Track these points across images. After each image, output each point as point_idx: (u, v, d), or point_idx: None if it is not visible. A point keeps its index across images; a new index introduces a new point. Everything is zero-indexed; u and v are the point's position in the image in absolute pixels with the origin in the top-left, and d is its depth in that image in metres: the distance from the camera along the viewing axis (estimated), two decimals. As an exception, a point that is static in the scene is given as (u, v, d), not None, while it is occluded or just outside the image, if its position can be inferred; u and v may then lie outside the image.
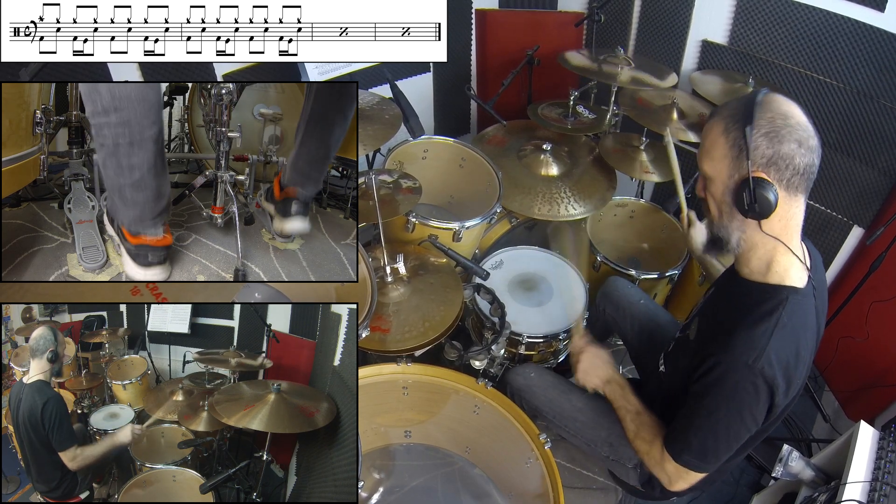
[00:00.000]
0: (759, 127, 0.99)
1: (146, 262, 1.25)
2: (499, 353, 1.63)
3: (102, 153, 1.14)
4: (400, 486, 1.70)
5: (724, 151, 1.04)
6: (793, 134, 0.99)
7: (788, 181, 1.02)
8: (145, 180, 1.17)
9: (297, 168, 1.41)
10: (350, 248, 1.50)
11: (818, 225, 2.23)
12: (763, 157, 1.00)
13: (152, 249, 1.25)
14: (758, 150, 1.00)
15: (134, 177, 1.15)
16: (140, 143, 1.12)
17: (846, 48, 1.92)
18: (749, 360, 1.03)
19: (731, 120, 1.02)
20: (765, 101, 1.01)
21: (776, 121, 0.99)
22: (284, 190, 1.41)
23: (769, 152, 1.00)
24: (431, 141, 2.19)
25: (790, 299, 1.07)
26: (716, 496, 1.98)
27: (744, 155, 1.01)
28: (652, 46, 2.45)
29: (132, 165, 1.14)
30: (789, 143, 0.99)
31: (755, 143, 0.99)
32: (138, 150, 1.13)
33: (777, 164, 1.00)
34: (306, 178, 1.41)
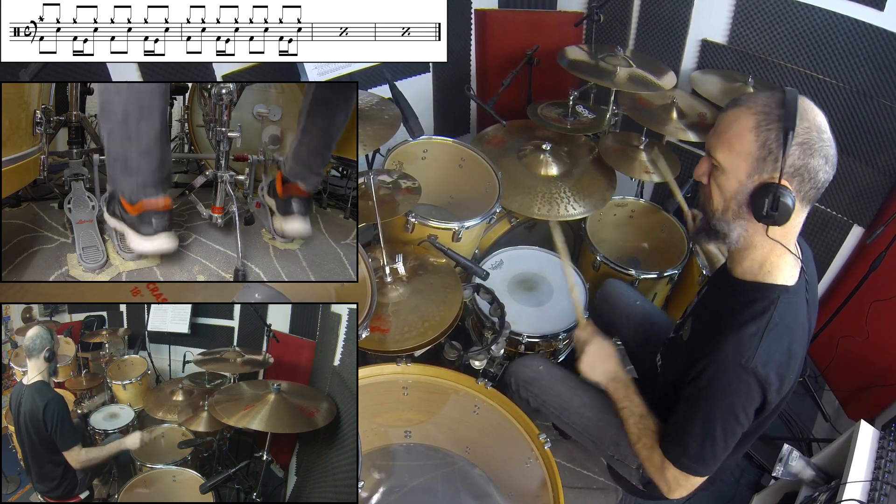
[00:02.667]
0: (797, 134, 0.96)
1: (151, 231, 1.25)
2: (498, 353, 1.63)
3: (109, 124, 1.17)
4: (400, 486, 1.70)
5: (751, 149, 0.99)
6: (823, 149, 0.97)
7: (806, 193, 1.01)
8: (152, 148, 1.19)
9: (298, 158, 1.41)
10: (350, 248, 1.50)
11: (818, 224, 2.23)
12: (792, 166, 0.97)
13: (155, 214, 1.25)
14: (790, 158, 0.96)
15: (141, 143, 1.18)
16: (150, 114, 1.16)
17: (846, 47, 1.92)
18: (741, 360, 1.03)
19: (765, 118, 0.97)
20: (801, 108, 0.97)
21: (812, 132, 0.97)
22: (286, 186, 1.41)
23: (799, 163, 0.97)
24: (431, 141, 2.19)
25: (781, 298, 1.07)
26: (716, 496, 1.98)
27: (772, 158, 0.97)
28: (651, 46, 2.45)
29: (140, 132, 1.17)
30: (819, 158, 0.97)
31: (790, 150, 0.96)
32: (147, 120, 1.17)
33: (802, 176, 0.98)
34: (308, 170, 1.42)
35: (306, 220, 1.42)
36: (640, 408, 1.30)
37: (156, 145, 1.20)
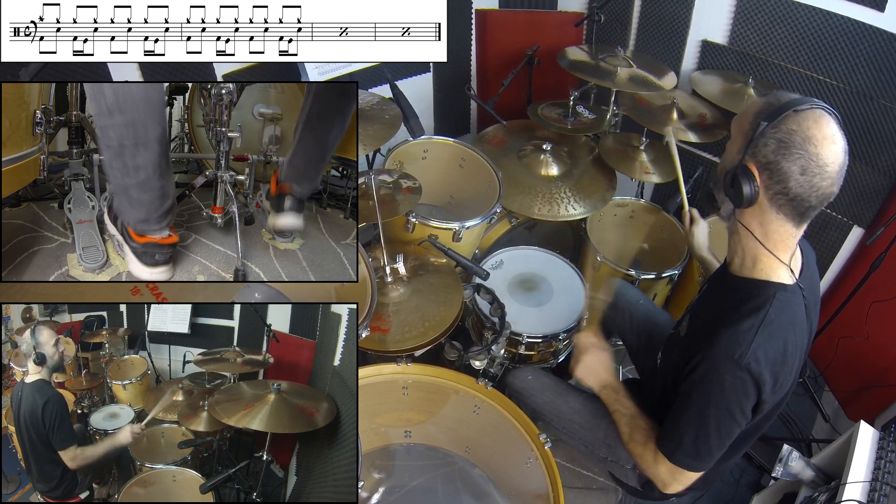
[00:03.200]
0: (777, 130, 0.99)
1: (153, 262, 1.26)
2: (499, 353, 1.63)
3: (108, 154, 1.15)
4: (400, 486, 1.70)
5: (746, 129, 1.04)
6: (802, 159, 0.98)
7: (774, 195, 1.03)
8: (151, 181, 1.17)
9: (293, 165, 1.41)
10: (350, 248, 1.50)
11: (818, 225, 2.23)
12: (765, 157, 1.01)
13: (159, 248, 1.25)
14: (765, 148, 1.00)
15: (139, 177, 1.16)
16: (145, 144, 1.14)
17: (846, 48, 1.92)
18: (735, 355, 1.03)
19: (767, 108, 1.02)
20: (804, 114, 0.99)
21: (795, 136, 0.98)
22: (279, 185, 1.41)
23: (771, 157, 1.00)
24: (431, 141, 2.19)
25: (778, 296, 1.07)
26: (716, 496, 1.98)
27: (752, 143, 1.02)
28: (652, 46, 2.45)
29: (138, 166, 1.15)
30: (792, 163, 0.98)
31: (765, 141, 1.00)
32: (143, 151, 1.14)
33: (771, 173, 1.01)
34: (302, 176, 1.42)
35: (299, 216, 1.42)
36: (630, 409, 1.31)
37: (155, 177, 1.17)
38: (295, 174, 1.41)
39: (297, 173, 1.41)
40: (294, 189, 1.40)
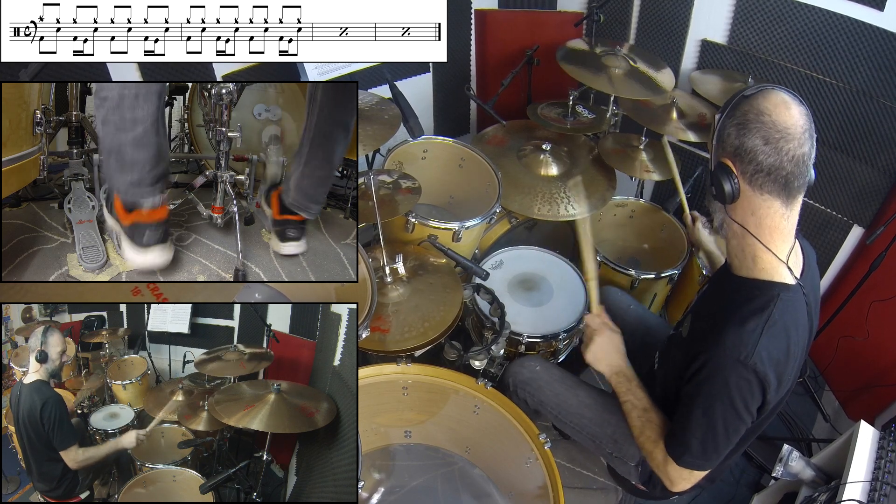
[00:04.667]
0: (733, 117, 1.03)
1: (143, 243, 1.22)
2: (499, 353, 1.63)
3: (104, 109, 1.12)
4: (400, 486, 1.70)
5: (713, 134, 1.09)
6: (760, 130, 0.99)
7: (752, 176, 1.03)
8: (148, 136, 1.14)
9: (301, 190, 1.38)
10: (350, 248, 1.50)
11: (818, 224, 2.23)
12: (731, 146, 1.04)
13: (148, 226, 1.21)
14: (728, 139, 1.04)
15: (136, 132, 1.13)
16: (146, 96, 1.12)
17: (846, 47, 1.92)
18: (740, 356, 1.03)
19: (723, 106, 1.07)
20: (753, 96, 1.02)
21: (748, 114, 1.01)
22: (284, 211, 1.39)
23: (736, 143, 1.03)
24: (431, 141, 2.19)
25: (781, 296, 1.07)
26: (716, 496, 1.98)
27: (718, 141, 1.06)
28: (651, 46, 2.45)
29: (136, 119, 1.12)
30: (753, 138, 1.00)
31: (727, 132, 1.03)
32: (144, 103, 1.12)
33: (741, 157, 1.03)
34: (311, 201, 1.40)
35: (301, 243, 1.41)
36: (643, 401, 1.29)
37: (152, 133, 1.15)
38: (304, 198, 1.39)
39: (306, 197, 1.39)
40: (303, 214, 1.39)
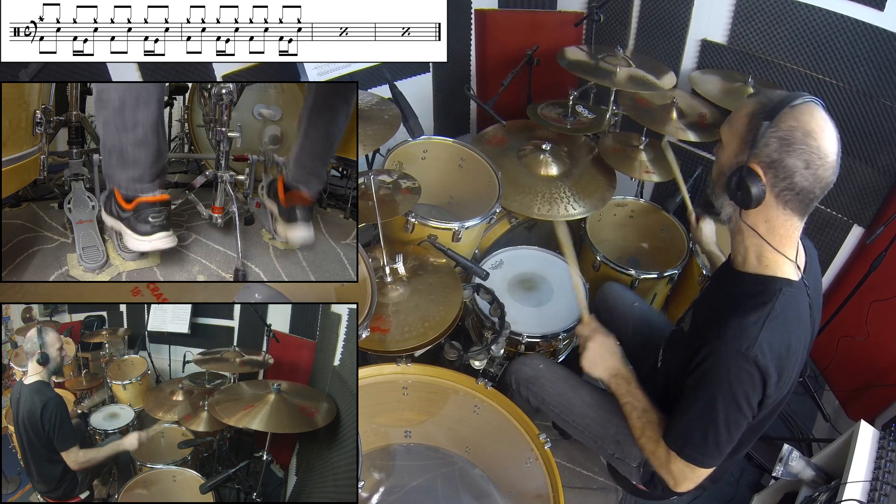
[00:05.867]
0: (777, 128, 1.00)
1: (147, 229, 1.23)
2: (498, 353, 1.63)
3: (105, 112, 1.15)
4: (400, 486, 1.70)
5: (742, 131, 1.06)
6: (804, 154, 0.99)
7: (781, 192, 1.04)
8: (148, 137, 1.17)
9: (300, 163, 1.39)
10: (350, 248, 1.50)
11: (818, 224, 2.23)
12: (768, 157, 1.02)
13: (151, 207, 1.23)
14: (767, 147, 1.01)
15: (137, 133, 1.16)
16: (147, 101, 1.14)
17: (846, 47, 1.92)
18: (742, 347, 1.03)
19: (761, 107, 1.04)
20: (799, 109, 1.01)
21: (796, 132, 0.99)
22: (290, 194, 1.39)
23: (775, 156, 1.01)
24: (431, 141, 2.19)
25: (784, 291, 1.08)
26: (716, 496, 1.98)
27: (751, 143, 1.03)
28: (651, 46, 2.45)
29: (136, 122, 1.15)
30: (796, 159, 1.00)
31: (766, 140, 1.01)
32: (144, 107, 1.15)
33: (776, 171, 1.02)
34: (310, 174, 1.40)
35: (309, 227, 1.40)
36: (642, 402, 1.30)
37: (152, 134, 1.18)
38: (303, 173, 1.39)
39: (304, 172, 1.39)
40: (304, 192, 1.39)
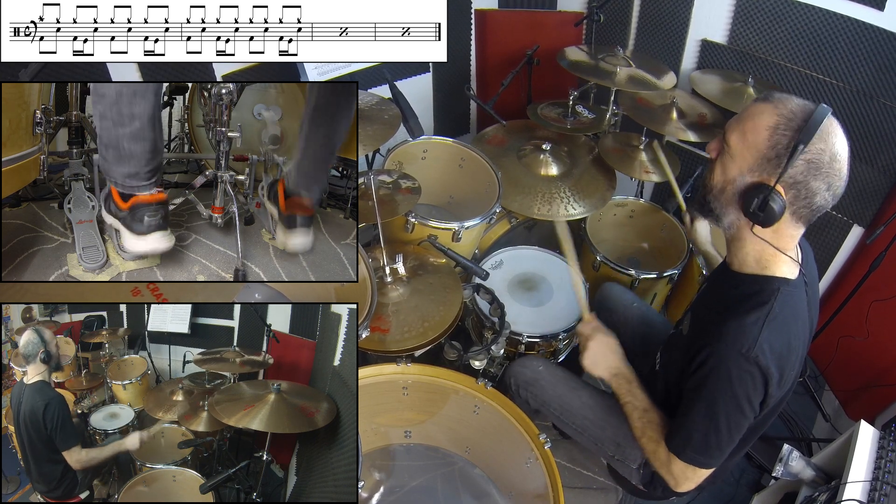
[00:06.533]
0: (808, 151, 0.98)
1: (143, 228, 1.23)
2: (498, 353, 1.63)
3: (102, 105, 1.14)
4: (400, 486, 1.70)
5: (761, 146, 1.01)
6: (829, 177, 0.99)
7: (798, 209, 1.03)
8: (144, 130, 1.17)
9: (302, 170, 1.39)
10: (350, 248, 1.50)
11: (818, 225, 2.22)
12: (792, 178, 1.00)
13: (147, 207, 1.22)
14: (793, 169, 0.99)
15: (133, 126, 1.16)
16: (144, 93, 1.14)
17: (846, 47, 1.92)
18: (742, 348, 1.03)
19: (784, 123, 1.00)
20: (825, 129, 0.98)
21: (824, 156, 0.98)
22: (290, 199, 1.38)
23: (801, 178, 1.00)
24: (431, 141, 2.19)
25: (782, 290, 1.08)
26: (716, 496, 1.98)
27: (776, 162, 1.00)
28: (651, 46, 2.45)
29: (133, 114, 1.15)
30: (821, 182, 1.00)
31: (795, 163, 0.98)
32: (141, 100, 1.14)
33: (799, 192, 1.01)
34: (312, 181, 1.40)
35: (309, 234, 1.40)
36: (643, 402, 1.29)
37: (149, 129, 1.17)
38: (305, 180, 1.39)
39: (306, 178, 1.39)
40: (306, 200, 1.38)
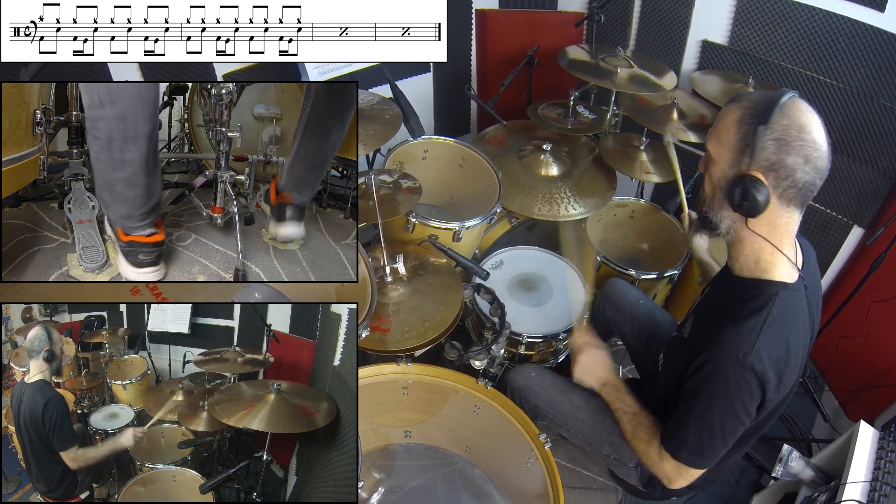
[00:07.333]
0: (772, 130, 0.98)
1: (138, 261, 1.25)
2: (499, 353, 1.63)
3: (96, 146, 1.14)
4: (400, 486, 1.70)
5: (732, 141, 1.03)
6: (803, 149, 0.99)
7: (784, 191, 1.02)
8: (137, 177, 1.17)
9: (293, 173, 1.40)
10: (350, 248, 1.50)
11: (818, 225, 2.23)
12: (766, 160, 1.00)
13: (143, 247, 1.24)
14: (764, 151, 1.00)
15: (126, 172, 1.15)
16: (134, 139, 1.13)
17: (846, 48, 1.92)
18: (739, 355, 1.03)
19: (748, 112, 1.02)
20: (787, 106, 1.00)
21: (790, 130, 0.98)
22: (280, 195, 1.40)
23: (774, 158, 1.00)
24: (431, 141, 2.19)
25: (780, 295, 1.07)
26: (716, 496, 1.98)
27: (748, 151, 1.01)
28: (652, 46, 2.45)
29: (125, 161, 1.14)
30: (796, 156, 0.99)
31: (763, 145, 0.99)
32: (132, 146, 1.13)
33: (777, 172, 1.01)
34: (302, 184, 1.41)
35: (299, 225, 1.41)
36: (632, 407, 1.32)
37: (141, 173, 1.16)
38: (295, 182, 1.40)
39: (297, 181, 1.41)
40: (295, 198, 1.39)
